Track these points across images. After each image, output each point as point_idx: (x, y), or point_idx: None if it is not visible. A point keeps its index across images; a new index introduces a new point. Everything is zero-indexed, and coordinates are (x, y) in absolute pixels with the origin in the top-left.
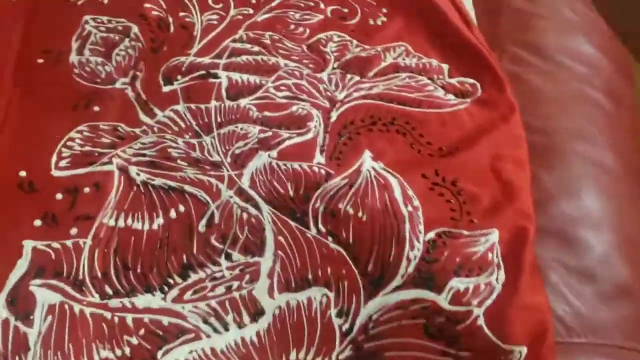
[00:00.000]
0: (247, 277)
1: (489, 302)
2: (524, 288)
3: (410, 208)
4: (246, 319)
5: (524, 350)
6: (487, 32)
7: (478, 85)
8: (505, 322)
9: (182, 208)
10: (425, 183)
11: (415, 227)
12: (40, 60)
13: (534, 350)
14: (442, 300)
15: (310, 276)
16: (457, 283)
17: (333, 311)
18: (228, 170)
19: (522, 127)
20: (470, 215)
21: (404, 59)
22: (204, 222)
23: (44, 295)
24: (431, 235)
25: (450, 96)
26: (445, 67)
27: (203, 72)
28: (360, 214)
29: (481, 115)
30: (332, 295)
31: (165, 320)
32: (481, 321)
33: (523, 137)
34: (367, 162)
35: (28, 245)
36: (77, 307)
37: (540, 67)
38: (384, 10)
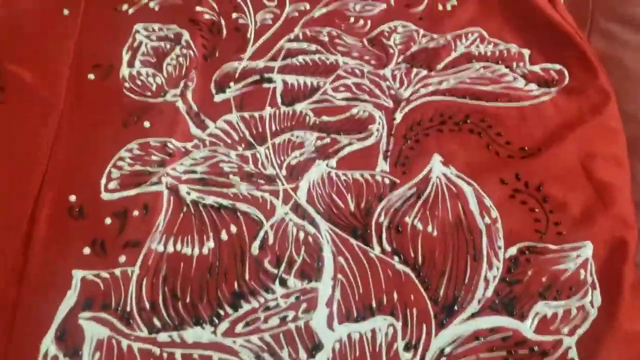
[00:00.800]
0: (304, 306)
1: (582, 329)
2: (625, 312)
3: (487, 220)
4: (303, 354)
5: None
6: (574, 6)
7: (565, 71)
8: (602, 353)
9: (233, 228)
10: (504, 190)
11: (494, 242)
12: (91, 76)
13: None
14: (526, 328)
15: (374, 303)
16: (544, 307)
17: (400, 344)
18: (283, 184)
19: (619, 117)
20: (559, 226)
21: (477, 47)
22: (256, 243)
23: (92, 330)
24: (513, 251)
25: (533, 86)
26: (526, 52)
27: (257, 77)
28: (430, 228)
29: (569, 106)
30: (398, 325)
31: (216, 356)
32: (573, 353)
33: (620, 129)
34: (437, 168)
35: (77, 275)
36: (124, 343)
37: (638, 44)
38: None
